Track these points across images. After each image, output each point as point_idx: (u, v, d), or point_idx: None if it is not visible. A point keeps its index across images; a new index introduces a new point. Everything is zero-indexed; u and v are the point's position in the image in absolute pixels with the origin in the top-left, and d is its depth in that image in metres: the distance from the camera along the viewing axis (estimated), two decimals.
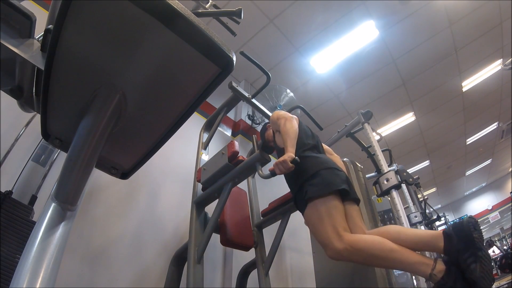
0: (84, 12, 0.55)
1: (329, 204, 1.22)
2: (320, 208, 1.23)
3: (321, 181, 1.26)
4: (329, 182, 1.26)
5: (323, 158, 1.41)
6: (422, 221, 2.94)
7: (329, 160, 1.41)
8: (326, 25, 3.27)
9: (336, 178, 1.29)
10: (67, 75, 0.67)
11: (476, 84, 4.52)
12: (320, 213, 1.22)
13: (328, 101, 4.19)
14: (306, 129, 1.61)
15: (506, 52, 4.07)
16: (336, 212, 1.21)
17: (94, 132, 0.69)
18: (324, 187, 1.24)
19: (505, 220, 8.71)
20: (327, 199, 1.23)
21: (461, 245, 0.97)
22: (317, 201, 1.24)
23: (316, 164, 1.34)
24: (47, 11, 1.00)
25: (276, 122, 1.48)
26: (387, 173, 2.30)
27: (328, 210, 1.21)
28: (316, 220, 1.23)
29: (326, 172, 1.30)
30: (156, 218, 2.11)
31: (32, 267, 0.62)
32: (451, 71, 4.16)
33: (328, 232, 1.17)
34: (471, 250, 0.95)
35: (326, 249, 1.18)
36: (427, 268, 1.00)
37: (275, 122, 1.50)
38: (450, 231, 1.02)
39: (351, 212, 1.28)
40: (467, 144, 6.22)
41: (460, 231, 0.99)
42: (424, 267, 1.01)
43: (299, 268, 2.79)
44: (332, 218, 1.19)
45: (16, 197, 1.12)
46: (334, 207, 1.22)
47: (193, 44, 0.60)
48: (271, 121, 1.56)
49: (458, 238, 0.99)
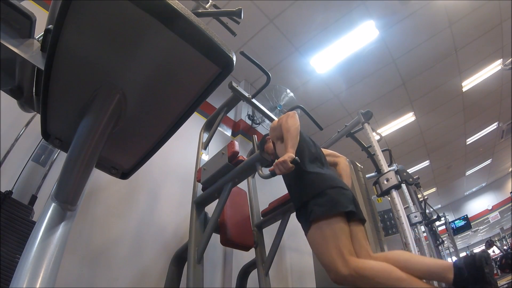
0: (84, 12, 0.55)
1: (334, 225, 1.18)
2: (325, 229, 1.18)
3: (327, 201, 1.21)
4: (335, 202, 1.21)
5: (328, 175, 1.36)
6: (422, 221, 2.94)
7: (335, 178, 1.37)
8: (326, 25, 3.26)
9: (343, 198, 1.24)
10: (67, 75, 0.67)
11: (476, 84, 4.52)
12: (325, 235, 1.17)
13: (328, 101, 4.19)
14: (308, 139, 1.56)
15: (506, 52, 4.07)
16: (342, 234, 1.16)
17: (94, 132, 0.69)
18: (330, 208, 1.20)
19: (505, 220, 8.71)
20: (333, 221, 1.18)
21: (471, 279, 0.94)
22: (322, 222, 1.19)
23: (322, 182, 1.29)
24: (47, 11, 1.00)
25: (276, 128, 1.45)
26: (387, 173, 2.30)
27: (333, 232, 1.16)
28: (321, 242, 1.18)
29: (333, 191, 1.25)
30: (156, 218, 2.11)
31: (32, 267, 0.62)
32: (451, 71, 4.16)
33: (333, 256, 1.12)
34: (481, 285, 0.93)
35: (329, 273, 1.14)
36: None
37: (275, 128, 1.46)
38: (461, 264, 0.99)
39: (356, 233, 1.24)
40: (467, 144, 6.22)
41: (471, 265, 0.96)
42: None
43: (299, 268, 2.79)
44: (337, 241, 1.14)
45: (16, 197, 1.12)
46: (340, 229, 1.17)
47: (193, 44, 0.60)
48: (271, 128, 1.52)
49: (468, 272, 0.96)
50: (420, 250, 2.62)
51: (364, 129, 2.63)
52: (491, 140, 6.50)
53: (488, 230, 10.04)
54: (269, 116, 2.34)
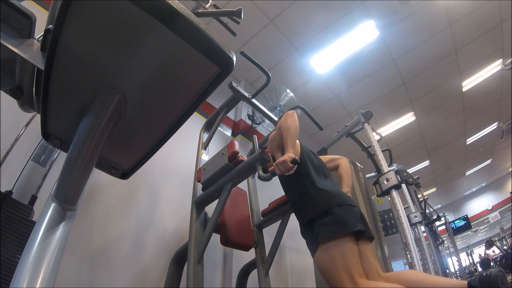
0: (84, 12, 0.55)
1: (343, 246, 1.14)
2: (333, 251, 1.14)
3: (335, 220, 1.17)
4: (343, 222, 1.17)
5: (335, 192, 1.31)
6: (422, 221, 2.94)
7: (342, 195, 1.32)
8: (326, 25, 3.26)
9: (351, 216, 1.20)
10: (67, 75, 0.67)
11: (476, 84, 4.52)
12: (333, 257, 1.13)
13: (328, 101, 4.19)
14: (309, 151, 1.53)
15: (506, 52, 4.07)
16: (351, 255, 1.13)
17: (94, 132, 0.69)
18: (338, 228, 1.15)
19: (505, 220, 8.71)
20: (341, 241, 1.14)
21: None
22: (329, 244, 1.15)
23: (329, 200, 1.25)
24: (47, 11, 1.00)
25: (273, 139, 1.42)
26: (387, 173, 2.30)
27: (342, 253, 1.12)
28: (329, 264, 1.14)
29: (340, 209, 1.21)
30: (156, 218, 2.11)
31: (32, 267, 0.62)
32: (451, 71, 4.16)
33: (342, 278, 1.09)
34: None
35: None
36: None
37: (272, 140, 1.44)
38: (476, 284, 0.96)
39: (365, 252, 1.20)
40: (467, 144, 6.22)
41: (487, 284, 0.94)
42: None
43: (299, 268, 2.79)
44: (346, 263, 1.10)
45: (16, 197, 1.12)
46: (348, 249, 1.13)
47: (193, 44, 0.60)
48: (270, 140, 1.48)
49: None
50: (420, 250, 2.62)
51: (364, 129, 2.63)
52: (491, 140, 6.50)
53: (488, 230, 10.04)
54: (269, 116, 2.34)
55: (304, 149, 1.49)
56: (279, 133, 1.38)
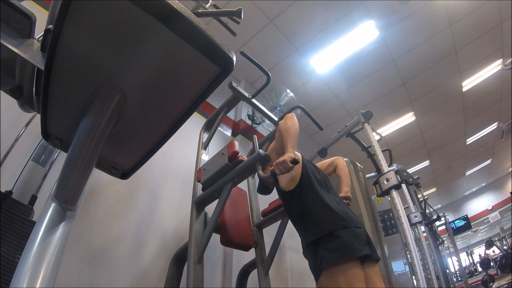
0: (84, 12, 0.55)
1: (348, 273, 1.09)
2: (338, 278, 1.09)
3: (339, 245, 1.13)
4: (348, 247, 1.12)
5: (340, 212, 1.25)
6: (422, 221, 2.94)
7: (347, 216, 1.25)
8: (326, 25, 3.26)
9: (356, 240, 1.15)
10: (67, 75, 0.67)
11: (476, 84, 4.52)
12: (338, 284, 1.09)
13: (328, 101, 4.19)
14: (311, 165, 1.50)
15: (506, 52, 4.07)
16: (357, 281, 1.08)
17: (94, 132, 0.69)
18: (343, 254, 1.11)
19: (505, 220, 8.71)
20: (346, 267, 1.10)
21: None
22: (334, 270, 1.11)
23: (333, 221, 1.20)
24: (47, 11, 1.00)
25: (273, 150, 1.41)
26: (387, 173, 2.30)
27: (347, 281, 1.08)
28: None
29: (344, 233, 1.16)
30: (156, 218, 2.11)
31: (32, 267, 0.62)
32: (451, 71, 4.16)
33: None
34: None
35: None
36: None
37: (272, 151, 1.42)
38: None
39: (371, 275, 1.15)
40: (467, 144, 6.22)
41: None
42: None
43: (299, 268, 2.79)
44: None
45: (16, 197, 1.12)
46: (354, 275, 1.09)
47: (193, 44, 0.60)
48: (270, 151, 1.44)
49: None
50: (420, 250, 2.62)
51: (364, 129, 2.63)
52: (491, 140, 6.50)
53: (488, 230, 10.04)
54: (269, 116, 2.33)
55: (306, 164, 1.45)
56: (279, 139, 1.36)
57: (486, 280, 5.54)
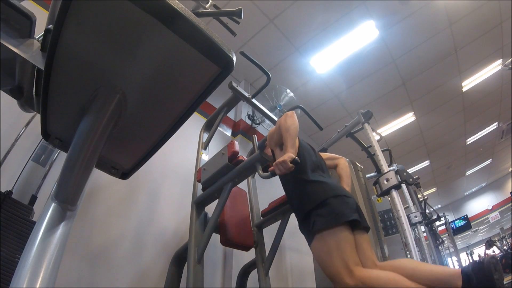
0: (84, 12, 0.55)
1: (338, 236, 1.15)
2: (328, 241, 1.16)
3: (330, 211, 1.19)
4: (338, 212, 1.18)
5: (330, 184, 1.33)
6: (422, 221, 2.94)
7: (337, 186, 1.34)
8: (326, 25, 3.26)
9: (346, 207, 1.22)
10: (67, 75, 0.67)
11: (476, 84, 4.52)
12: (329, 246, 1.15)
13: (328, 101, 4.19)
14: (307, 146, 1.54)
15: (506, 52, 4.07)
16: (346, 244, 1.14)
17: (94, 132, 0.69)
18: (333, 218, 1.17)
19: (505, 220, 8.71)
20: (336, 231, 1.16)
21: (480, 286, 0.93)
22: (325, 233, 1.17)
23: (324, 192, 1.27)
24: (47, 11, 1.00)
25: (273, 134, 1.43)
26: (387, 173, 2.30)
27: (337, 243, 1.14)
28: (325, 253, 1.16)
29: (335, 200, 1.23)
30: (156, 218, 2.11)
31: (32, 267, 0.62)
32: (451, 71, 4.16)
33: (338, 267, 1.10)
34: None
35: (335, 284, 1.12)
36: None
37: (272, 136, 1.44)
38: (469, 271, 0.97)
39: (361, 242, 1.21)
40: (467, 144, 6.22)
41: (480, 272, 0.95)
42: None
43: (299, 268, 2.79)
44: (342, 252, 1.12)
45: (16, 197, 1.12)
46: (344, 238, 1.15)
47: (193, 44, 0.60)
48: (268, 137, 1.48)
49: (477, 279, 0.94)
50: (420, 250, 2.62)
51: (364, 129, 2.63)
52: (491, 140, 6.50)
53: (488, 230, 10.03)
54: (269, 116, 2.34)
55: (303, 145, 1.49)
56: (278, 132, 1.38)
57: None
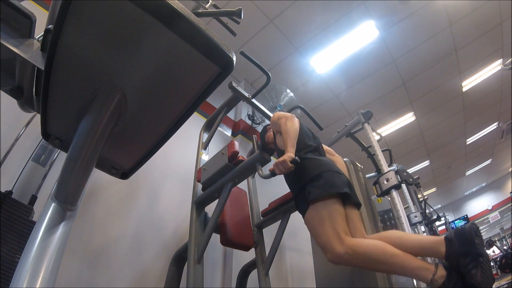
0: (84, 12, 0.55)
1: (331, 206, 1.22)
2: (321, 210, 1.22)
3: (324, 183, 1.25)
4: (331, 184, 1.25)
5: (325, 160, 1.40)
6: (422, 221, 2.94)
7: (331, 163, 1.41)
8: (326, 25, 3.26)
9: (339, 180, 1.28)
10: (67, 75, 0.67)
11: (476, 84, 4.51)
12: (322, 216, 1.21)
13: (328, 101, 4.19)
14: (307, 131, 1.59)
15: (506, 52, 4.07)
16: (338, 215, 1.21)
17: (94, 132, 0.69)
18: (327, 189, 1.24)
19: (505, 220, 8.70)
20: (329, 202, 1.23)
21: (462, 250, 0.97)
22: (319, 204, 1.23)
23: (319, 166, 1.33)
24: (47, 11, 1.00)
25: (276, 123, 1.47)
26: (387, 173, 2.30)
27: (329, 213, 1.20)
28: (317, 223, 1.22)
29: (328, 174, 1.29)
30: (156, 218, 2.11)
31: (32, 267, 0.62)
32: (451, 71, 4.16)
33: (329, 235, 1.16)
34: (472, 255, 0.95)
35: (326, 252, 1.18)
36: (428, 273, 1.00)
37: (275, 123, 1.49)
38: (451, 236, 1.02)
39: (351, 215, 1.28)
40: (467, 144, 6.21)
41: (462, 236, 0.99)
42: (425, 272, 1.01)
43: (299, 268, 2.79)
44: (333, 221, 1.18)
45: (16, 197, 1.12)
46: (335, 210, 1.22)
47: (193, 44, 0.60)
48: (272, 122, 1.55)
49: (459, 243, 0.99)
50: None
51: (364, 129, 2.63)
52: (491, 140, 6.50)
53: (488, 230, 10.02)
54: (269, 116, 2.33)
55: (304, 129, 1.56)
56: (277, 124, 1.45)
57: None
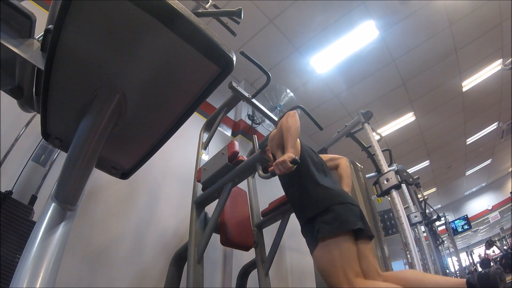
0: (84, 12, 0.55)
1: (342, 245, 1.14)
2: (332, 250, 1.14)
3: (335, 218, 1.18)
4: (343, 220, 1.17)
5: (336, 190, 1.32)
6: (422, 221, 2.94)
7: (343, 193, 1.33)
8: (326, 25, 3.26)
9: (351, 214, 1.20)
10: (67, 75, 0.67)
11: (476, 84, 4.51)
12: (332, 255, 1.14)
13: (328, 101, 4.19)
14: (309, 150, 1.53)
15: (506, 52, 4.07)
16: (349, 254, 1.13)
17: (94, 132, 0.69)
18: (338, 226, 1.16)
19: (505, 220, 8.71)
20: (341, 239, 1.15)
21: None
22: (329, 241, 1.16)
23: (330, 197, 1.26)
24: (47, 11, 1.00)
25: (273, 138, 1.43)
26: (387, 173, 2.30)
27: (340, 252, 1.13)
28: (327, 262, 1.15)
29: (340, 208, 1.21)
30: (156, 218, 2.11)
31: (32, 267, 0.62)
32: (451, 71, 4.16)
33: (340, 277, 1.10)
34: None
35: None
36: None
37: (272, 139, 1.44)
38: (474, 281, 0.96)
39: (364, 251, 1.20)
40: (467, 144, 6.22)
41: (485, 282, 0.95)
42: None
43: (299, 268, 2.79)
44: (344, 262, 1.11)
45: (16, 197, 1.12)
46: (347, 248, 1.14)
47: (193, 44, 0.60)
48: (269, 140, 1.48)
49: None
50: (420, 250, 2.62)
51: (364, 129, 2.63)
52: (491, 140, 6.50)
53: (488, 230, 10.03)
54: (269, 116, 2.34)
55: (304, 147, 1.50)
56: (280, 132, 1.38)
57: None
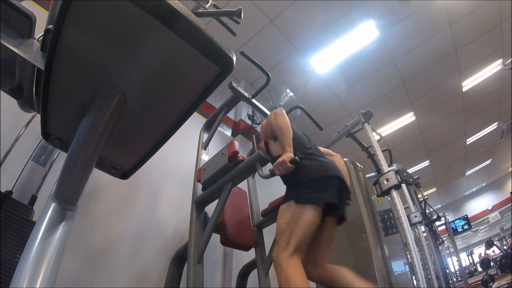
0: (84, 12, 0.55)
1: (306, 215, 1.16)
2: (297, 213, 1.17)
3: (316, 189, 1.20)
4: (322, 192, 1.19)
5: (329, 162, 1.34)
6: (422, 221, 2.94)
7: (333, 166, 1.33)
8: (326, 25, 3.26)
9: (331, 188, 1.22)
10: (67, 75, 0.67)
11: (476, 84, 4.51)
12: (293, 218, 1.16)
13: (328, 101, 4.19)
14: (303, 135, 1.54)
15: (506, 52, 4.06)
16: (307, 228, 1.15)
17: (94, 132, 0.69)
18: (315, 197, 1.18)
19: (505, 220, 8.71)
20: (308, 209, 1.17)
21: None
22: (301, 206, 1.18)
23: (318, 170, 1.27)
24: (47, 11, 1.00)
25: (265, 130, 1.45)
26: (387, 173, 2.30)
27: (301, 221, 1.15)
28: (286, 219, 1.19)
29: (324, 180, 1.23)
30: (156, 218, 2.11)
31: (32, 267, 0.62)
32: (451, 71, 4.15)
33: (284, 241, 1.13)
34: None
35: (274, 249, 1.18)
36: None
37: (264, 130, 1.46)
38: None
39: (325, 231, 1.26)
40: (467, 144, 6.21)
41: None
42: None
43: None
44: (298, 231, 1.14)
45: (16, 197, 1.12)
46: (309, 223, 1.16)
47: (193, 44, 0.60)
48: (261, 130, 1.50)
49: None
50: (420, 250, 2.62)
51: (364, 129, 2.63)
52: (491, 140, 6.50)
53: (488, 230, 10.04)
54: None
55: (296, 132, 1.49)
56: (270, 128, 1.40)
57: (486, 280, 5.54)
